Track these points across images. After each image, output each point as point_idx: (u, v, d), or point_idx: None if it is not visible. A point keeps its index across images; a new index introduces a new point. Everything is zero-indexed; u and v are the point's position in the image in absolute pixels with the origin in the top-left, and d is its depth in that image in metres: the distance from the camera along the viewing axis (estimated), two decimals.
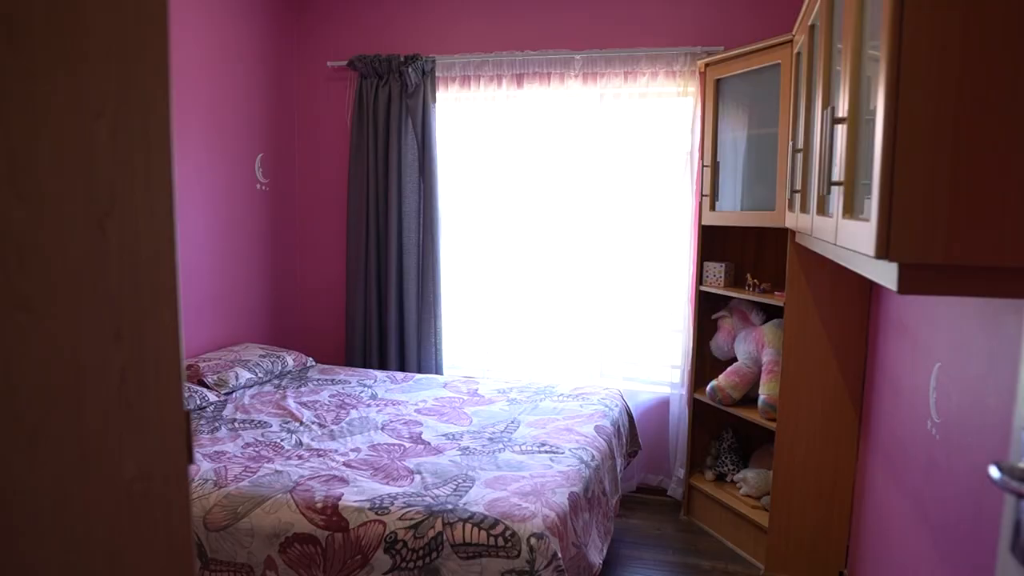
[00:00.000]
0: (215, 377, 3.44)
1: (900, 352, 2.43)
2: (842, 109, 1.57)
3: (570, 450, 2.73)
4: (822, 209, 1.86)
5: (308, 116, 4.56)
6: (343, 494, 2.29)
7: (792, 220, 2.67)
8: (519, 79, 4.10)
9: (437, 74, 4.15)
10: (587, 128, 4.04)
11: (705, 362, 3.89)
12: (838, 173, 1.56)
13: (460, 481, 2.42)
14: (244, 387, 3.54)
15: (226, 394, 3.42)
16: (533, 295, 4.25)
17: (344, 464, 2.59)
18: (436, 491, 2.33)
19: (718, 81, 3.51)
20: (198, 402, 3.21)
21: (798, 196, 2.51)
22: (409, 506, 2.21)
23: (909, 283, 1.09)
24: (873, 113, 1.39)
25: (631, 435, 3.57)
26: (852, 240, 1.37)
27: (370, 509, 2.20)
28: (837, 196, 1.57)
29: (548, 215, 4.19)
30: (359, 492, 2.31)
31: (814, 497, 3.13)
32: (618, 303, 4.09)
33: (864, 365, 3.01)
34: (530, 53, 4.02)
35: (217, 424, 3.03)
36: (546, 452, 2.71)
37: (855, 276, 2.97)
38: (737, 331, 3.61)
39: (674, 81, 3.83)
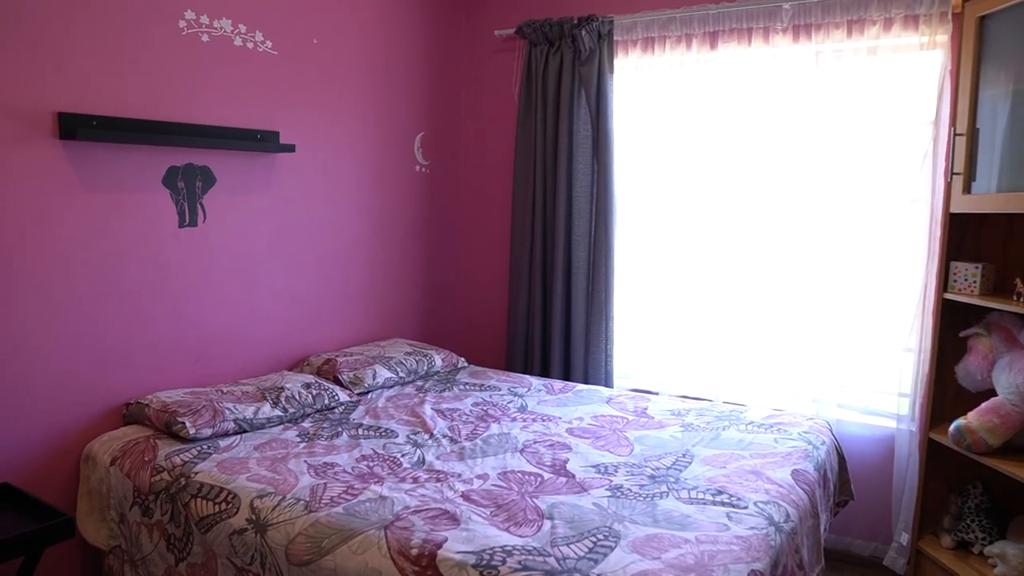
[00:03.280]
0: (351, 374, 3.10)
1: None
2: None
3: (756, 504, 2.05)
4: None
5: (473, 91, 4.15)
6: (446, 540, 1.79)
7: None
8: (712, 38, 3.41)
9: (615, 37, 3.57)
10: (797, 96, 3.27)
11: (947, 392, 3.00)
12: None
13: (601, 537, 1.83)
14: (383, 387, 3.17)
15: (360, 394, 3.06)
16: (723, 297, 3.53)
17: (462, 495, 2.09)
18: (565, 548, 1.76)
19: (981, 20, 2.64)
20: (326, 401, 2.87)
21: None
22: (525, 568, 1.66)
23: None
24: None
25: (841, 481, 2.79)
26: None
27: (474, 566, 1.68)
28: None
29: (744, 203, 3.45)
30: (467, 539, 1.80)
31: None
32: (829, 309, 3.27)
33: None
34: (726, 5, 3.31)
35: (339, 429, 2.65)
36: (723, 505, 2.05)
37: None
38: (997, 355, 2.72)
39: (915, 29, 2.98)
